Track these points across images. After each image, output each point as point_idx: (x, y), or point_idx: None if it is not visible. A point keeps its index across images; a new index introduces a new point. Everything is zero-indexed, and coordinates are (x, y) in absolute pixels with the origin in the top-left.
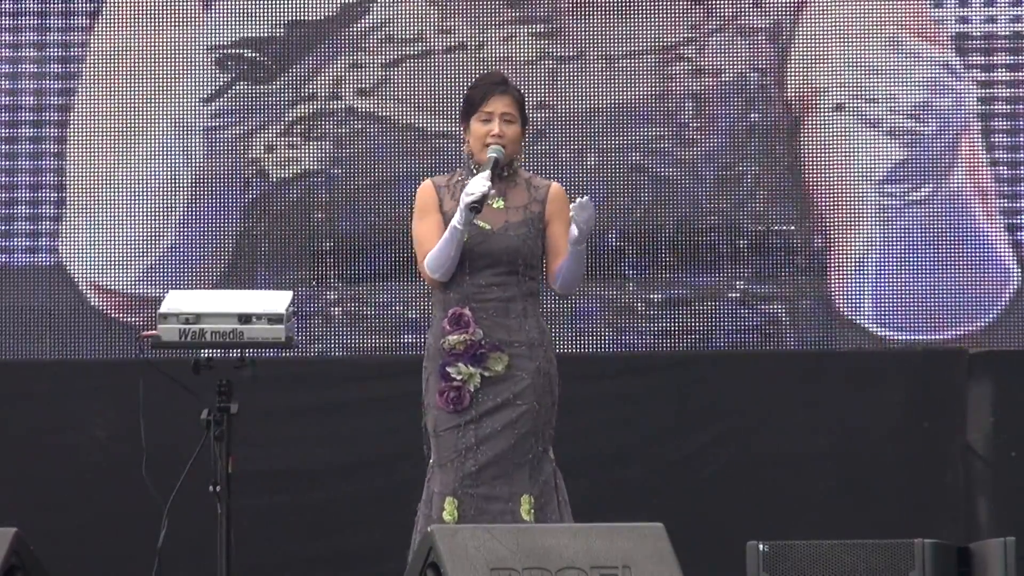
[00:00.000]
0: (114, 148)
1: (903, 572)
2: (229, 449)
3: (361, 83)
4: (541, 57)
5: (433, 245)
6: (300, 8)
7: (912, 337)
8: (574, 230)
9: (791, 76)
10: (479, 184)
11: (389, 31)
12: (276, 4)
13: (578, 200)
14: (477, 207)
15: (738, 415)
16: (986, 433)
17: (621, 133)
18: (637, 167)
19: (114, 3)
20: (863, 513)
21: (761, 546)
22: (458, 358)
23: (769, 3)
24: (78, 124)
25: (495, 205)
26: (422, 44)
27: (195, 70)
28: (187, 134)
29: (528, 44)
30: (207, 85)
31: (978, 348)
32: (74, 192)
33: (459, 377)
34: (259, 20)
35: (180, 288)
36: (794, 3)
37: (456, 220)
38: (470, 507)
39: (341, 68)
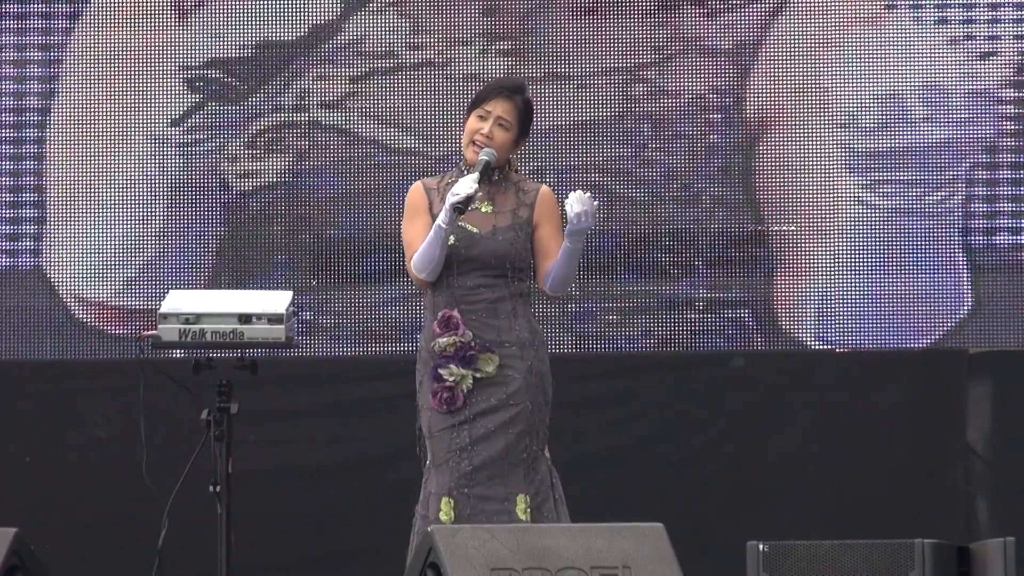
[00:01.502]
0: (94, 158)
1: (903, 572)
2: (229, 449)
3: (328, 96)
4: (507, 76)
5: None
6: (272, 28)
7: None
8: (571, 219)
9: (751, 94)
10: (466, 185)
11: (360, 45)
12: (250, 22)
13: (576, 192)
14: (461, 208)
15: (738, 415)
16: (986, 433)
17: (586, 151)
18: (597, 186)
19: (95, 9)
20: (863, 513)
21: (761, 546)
22: (449, 360)
23: (732, 25)
24: (53, 131)
25: (483, 209)
26: (392, 59)
27: (172, 82)
28: (164, 145)
29: (495, 63)
30: (183, 97)
31: (978, 348)
32: (56, 201)
33: (451, 378)
34: (233, 38)
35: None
36: (757, 24)
37: (441, 219)
38: (466, 507)
39: (311, 80)
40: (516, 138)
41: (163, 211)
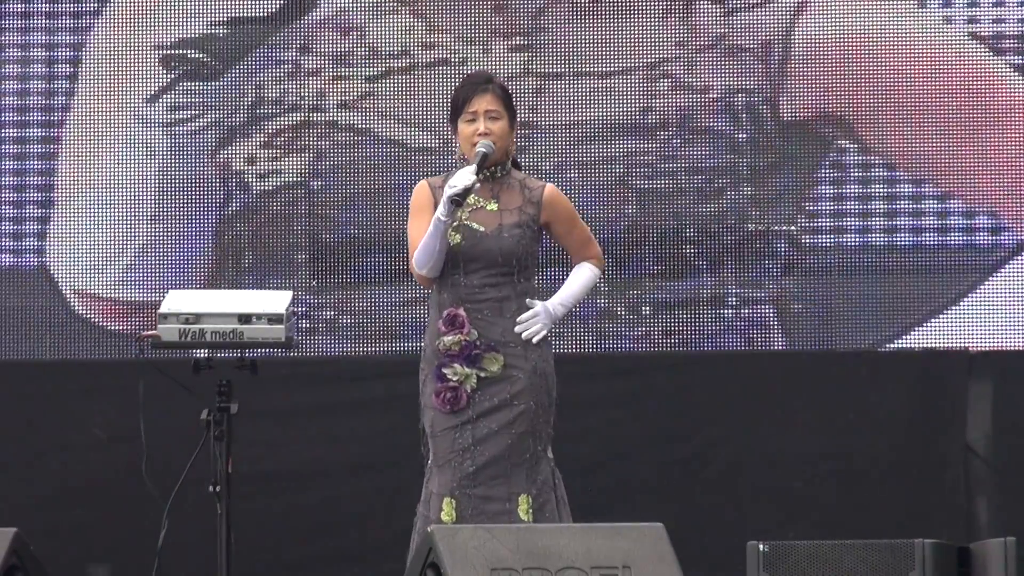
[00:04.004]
0: (96, 156)
1: (903, 572)
2: (229, 449)
3: (344, 96)
4: (524, 73)
5: None
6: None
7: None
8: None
9: (783, 94)
10: (464, 177)
11: (374, 44)
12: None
13: (525, 331)
14: (459, 200)
15: (738, 415)
16: (986, 433)
17: (602, 147)
18: (619, 180)
19: (111, 8)
20: (863, 513)
21: (761, 546)
22: (453, 359)
23: (758, 23)
24: (66, 129)
25: (488, 207)
26: (407, 58)
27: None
28: (172, 145)
29: (511, 60)
30: (186, 93)
31: (978, 348)
32: (62, 197)
33: (455, 378)
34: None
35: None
36: (784, 22)
37: (440, 212)
38: (468, 507)
39: (325, 81)
40: (510, 123)
41: (167, 209)
